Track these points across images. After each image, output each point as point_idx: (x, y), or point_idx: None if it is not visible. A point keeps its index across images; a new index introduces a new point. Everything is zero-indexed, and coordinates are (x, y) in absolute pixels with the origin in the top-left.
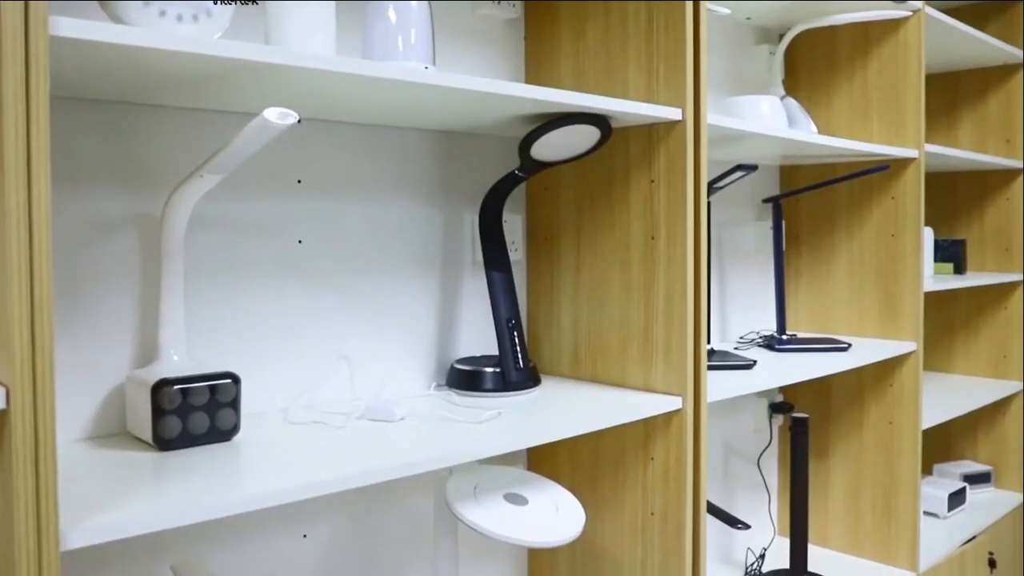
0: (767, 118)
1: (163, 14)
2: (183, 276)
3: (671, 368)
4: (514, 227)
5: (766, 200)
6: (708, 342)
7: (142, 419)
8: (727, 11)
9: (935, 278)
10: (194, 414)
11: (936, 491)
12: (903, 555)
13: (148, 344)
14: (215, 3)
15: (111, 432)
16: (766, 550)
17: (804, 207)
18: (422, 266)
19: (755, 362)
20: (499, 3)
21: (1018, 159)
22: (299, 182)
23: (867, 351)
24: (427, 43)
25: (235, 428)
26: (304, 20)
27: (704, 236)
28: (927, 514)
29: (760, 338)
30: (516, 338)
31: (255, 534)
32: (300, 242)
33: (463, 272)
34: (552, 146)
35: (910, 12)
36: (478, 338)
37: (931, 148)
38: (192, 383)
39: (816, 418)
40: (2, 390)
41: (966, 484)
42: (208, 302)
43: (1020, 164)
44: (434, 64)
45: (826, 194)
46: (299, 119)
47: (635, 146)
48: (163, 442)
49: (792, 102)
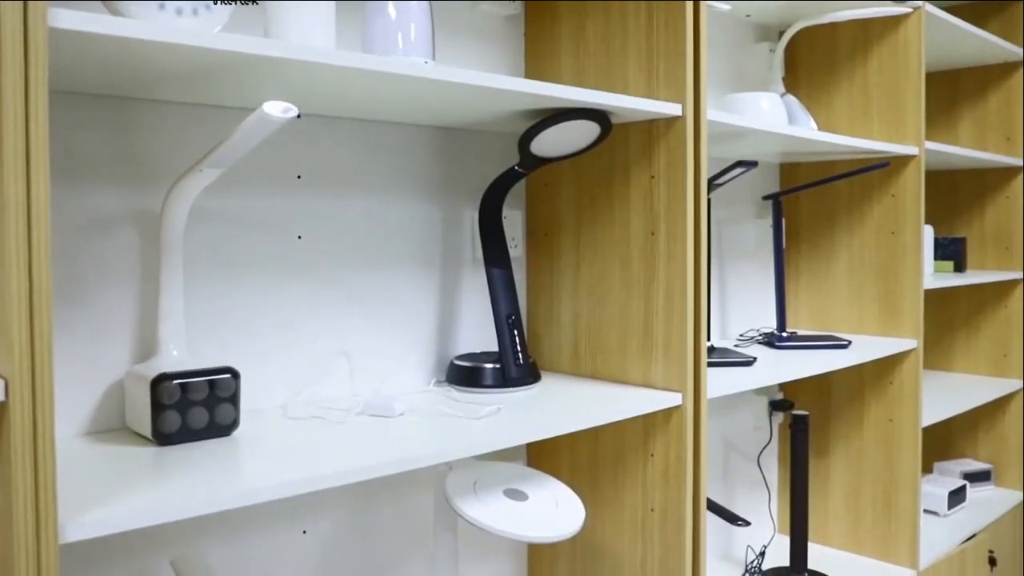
0: (767, 115)
1: (162, 8)
2: (182, 271)
3: (671, 364)
4: (514, 223)
5: (766, 197)
6: (708, 339)
7: (141, 414)
8: (727, 7)
9: (935, 276)
10: (193, 409)
11: (936, 489)
12: (903, 553)
13: (147, 339)
14: (215, 2)
15: (110, 427)
16: (766, 548)
17: (804, 205)
18: (422, 262)
19: (755, 359)
20: (499, 0)
21: (1018, 157)
22: (299, 178)
23: (867, 348)
24: (427, 40)
25: (234, 423)
26: (304, 17)
27: (704, 231)
28: (927, 512)
29: (760, 336)
30: (516, 334)
31: (255, 530)
32: (300, 238)
33: (463, 268)
34: (552, 142)
35: (910, 9)
36: (478, 334)
37: (931, 145)
38: (191, 378)
39: (816, 416)
40: (1, 382)
41: (966, 482)
42: (207, 297)
43: (1020, 162)
44: (434, 60)
45: (826, 191)
46: (299, 114)
47: (635, 142)
48: (162, 437)
49: (792, 99)
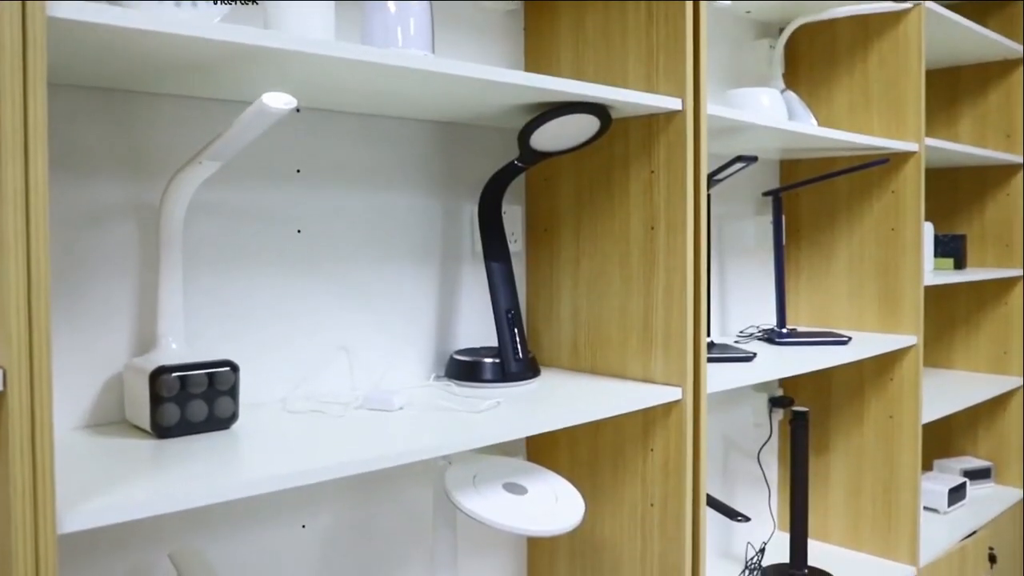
0: (767, 110)
1: None
2: (182, 264)
3: (671, 359)
4: (513, 218)
5: (766, 193)
6: (708, 335)
7: (140, 407)
8: (727, 3)
9: (935, 273)
10: (192, 402)
11: (936, 486)
12: (903, 550)
13: (146, 332)
14: (215, 2)
15: (109, 420)
16: (766, 544)
17: (804, 201)
18: (421, 257)
19: (755, 355)
20: None
21: (1018, 154)
22: (298, 171)
23: (867, 345)
24: (426, 34)
25: (233, 416)
26: (303, 12)
27: (704, 226)
28: (927, 509)
29: (760, 332)
30: (515, 329)
31: (254, 524)
32: (299, 231)
33: (462, 263)
34: (551, 136)
35: (910, 6)
36: (477, 329)
37: (931, 142)
38: (190, 371)
39: (816, 412)
40: None
41: (966, 479)
42: (207, 290)
43: (1020, 159)
44: (433, 54)
45: (826, 188)
46: (297, 107)
47: (635, 136)
48: (161, 430)
49: (792, 96)
